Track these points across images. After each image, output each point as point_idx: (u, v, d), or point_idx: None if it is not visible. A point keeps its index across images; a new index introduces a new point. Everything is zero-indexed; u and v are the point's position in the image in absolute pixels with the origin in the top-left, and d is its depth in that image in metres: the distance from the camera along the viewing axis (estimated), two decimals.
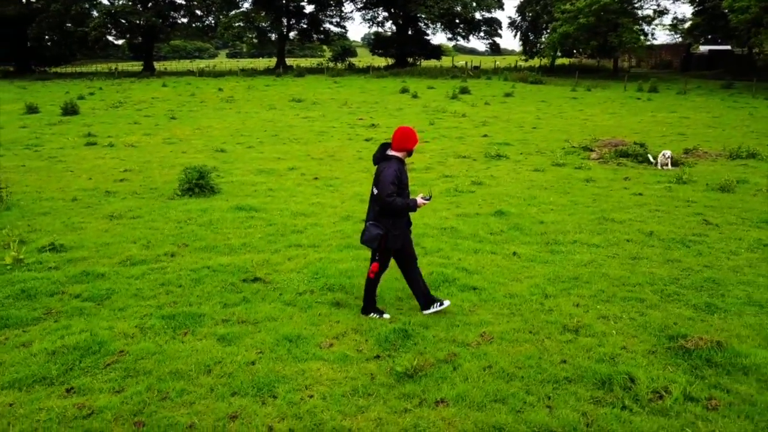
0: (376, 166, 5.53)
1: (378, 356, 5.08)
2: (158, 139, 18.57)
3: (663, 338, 5.32)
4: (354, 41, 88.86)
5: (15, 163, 14.31)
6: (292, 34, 64.71)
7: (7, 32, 60.85)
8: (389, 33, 63.72)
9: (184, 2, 61.93)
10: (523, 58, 61.56)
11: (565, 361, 4.97)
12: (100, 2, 58.94)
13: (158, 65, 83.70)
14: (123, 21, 56.23)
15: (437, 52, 62.95)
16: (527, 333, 5.49)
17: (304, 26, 63.11)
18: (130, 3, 58.53)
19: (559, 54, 52.66)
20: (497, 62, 59.07)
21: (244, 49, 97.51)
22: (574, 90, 36.41)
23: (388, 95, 34.37)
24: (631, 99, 31.61)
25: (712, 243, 8.05)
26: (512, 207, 10.00)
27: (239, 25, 58.08)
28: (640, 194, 10.98)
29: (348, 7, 62.51)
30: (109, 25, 58.80)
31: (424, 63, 61.29)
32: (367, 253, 7.39)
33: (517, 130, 20.34)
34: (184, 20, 63.01)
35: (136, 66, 69.78)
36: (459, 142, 17.89)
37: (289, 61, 70.55)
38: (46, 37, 60.24)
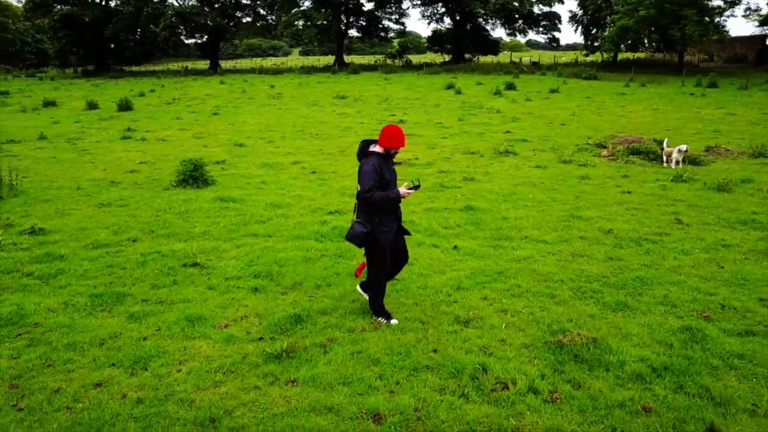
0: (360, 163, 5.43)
1: (262, 338, 5.35)
2: (189, 134, 19.50)
3: (547, 333, 5.31)
4: (414, 37, 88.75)
5: (47, 155, 15.50)
6: (352, 32, 65.63)
7: (86, 34, 65.10)
8: (446, 30, 63.35)
9: (248, 2, 63.99)
10: (584, 53, 59.73)
11: (436, 351, 5.07)
12: (170, 3, 61.83)
13: (232, 63, 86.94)
14: (191, 21, 58.71)
15: (495, 47, 62.06)
16: (417, 322, 5.61)
17: (363, 24, 63.75)
18: (197, 4, 61.12)
19: (622, 48, 50.72)
20: (557, 58, 57.57)
21: (316, 47, 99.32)
22: (627, 86, 35.12)
23: (432, 92, 34.36)
24: (683, 95, 30.19)
25: (670, 242, 7.81)
26: (486, 203, 9.99)
27: (298, 24, 59.40)
28: (629, 192, 10.69)
29: (406, 4, 62.10)
30: (180, 26, 61.48)
31: (482, 59, 60.59)
32: (311, 243, 7.72)
33: (544, 127, 19.97)
34: (248, 19, 65.05)
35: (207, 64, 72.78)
36: (478, 138, 17.80)
37: (353, 59, 71.60)
38: (121, 37, 63.59)
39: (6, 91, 41.74)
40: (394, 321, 5.53)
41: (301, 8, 59.53)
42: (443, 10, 62.69)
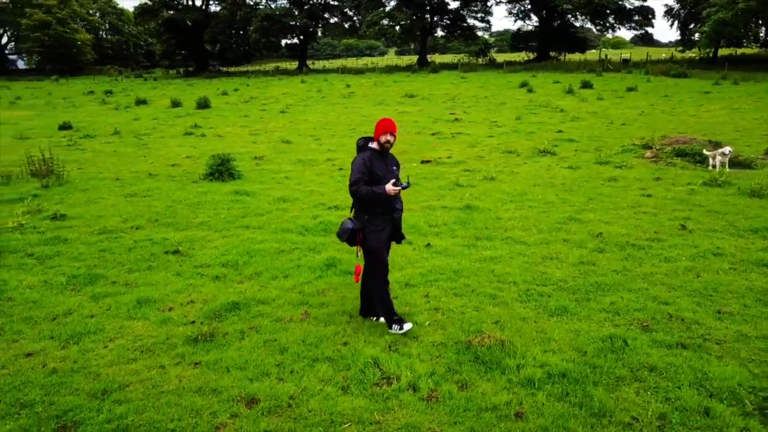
0: None
1: (194, 322, 5.67)
2: (246, 131, 20.43)
3: (462, 333, 5.25)
4: (500, 36, 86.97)
5: (111, 149, 16.83)
6: (437, 31, 65.48)
7: (188, 36, 69.33)
8: (531, 27, 61.82)
9: (336, 3, 65.53)
10: (679, 49, 56.12)
11: (346, 344, 5.18)
12: (261, 6, 64.51)
13: (325, 63, 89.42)
14: (280, 23, 61.01)
15: (582, 45, 59.70)
16: (346, 316, 5.72)
17: (447, 22, 63.46)
18: (287, 6, 63.42)
19: (722, 44, 47.27)
20: (650, 55, 54.47)
21: (400, 46, 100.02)
22: (717, 84, 32.76)
23: (503, 90, 33.76)
24: None
25: (657, 249, 7.39)
26: (490, 203, 9.85)
27: (382, 23, 60.08)
28: (649, 195, 10.14)
29: (491, 1, 60.98)
30: (271, 28, 64.02)
31: (569, 57, 58.53)
32: (292, 236, 8.00)
33: (601, 127, 19.15)
34: (335, 20, 66.61)
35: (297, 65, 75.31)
36: (524, 138, 17.39)
37: (438, 58, 71.49)
38: (219, 39, 67.18)
39: (110, 91, 45.43)
40: (407, 325, 5.27)
41: (385, 8, 60.15)
42: (529, 6, 61.16)
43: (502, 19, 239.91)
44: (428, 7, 60.99)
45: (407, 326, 5.26)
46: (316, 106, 29.26)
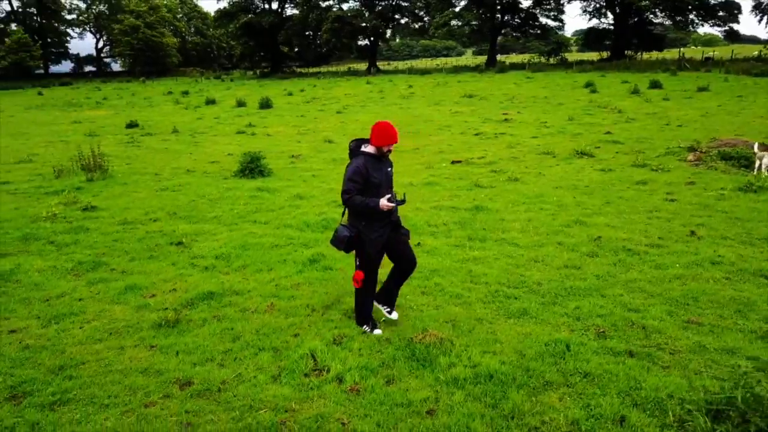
0: None
1: (166, 309, 6.00)
2: (296, 131, 21.01)
3: (410, 330, 5.30)
4: (572, 34, 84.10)
5: (163, 146, 17.80)
6: (507, 30, 64.40)
7: (264, 39, 71.71)
8: (606, 25, 59.58)
9: (407, 4, 65.80)
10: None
11: (297, 335, 5.35)
12: (333, 8, 65.73)
13: (395, 64, 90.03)
14: (350, 24, 62.01)
15: (659, 42, 56.92)
16: (307, 309, 5.89)
17: (518, 21, 62.32)
18: (358, 8, 64.32)
19: None
20: (735, 53, 51.19)
21: (479, 47, 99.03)
22: None
23: (566, 90, 32.86)
24: None
25: (654, 255, 7.11)
26: (501, 204, 9.75)
27: (451, 24, 59.79)
28: (673, 200, 9.70)
29: None
30: (342, 29, 65.17)
31: (645, 55, 56.01)
32: (291, 232, 8.28)
33: (655, 128, 18.34)
34: (405, 20, 66.88)
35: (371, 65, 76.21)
36: (568, 139, 16.95)
37: (507, 58, 70.36)
38: (293, 42, 69.10)
39: (187, 92, 47.76)
40: (377, 331, 5.24)
41: (455, 8, 59.83)
42: (604, 3, 58.98)
43: (575, 17, 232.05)
44: (499, 7, 60.13)
45: (377, 331, 5.26)
46: (373, 106, 29.59)
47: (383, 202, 4.74)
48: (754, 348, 4.81)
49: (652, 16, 56.00)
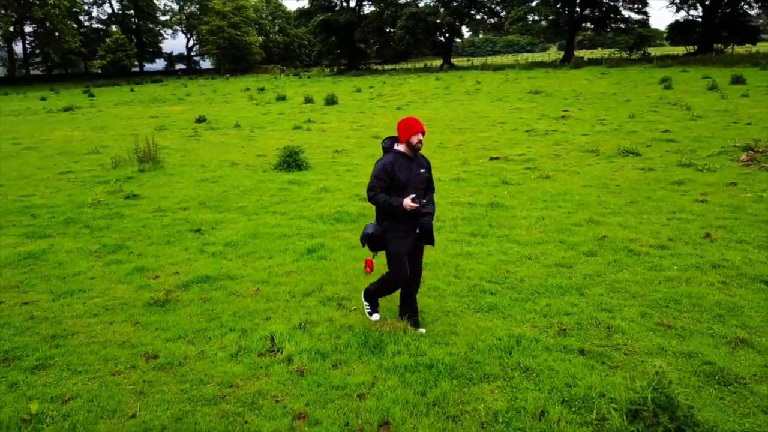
0: None
1: (162, 289, 6.46)
2: (349, 126, 21.42)
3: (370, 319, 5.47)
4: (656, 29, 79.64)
5: (220, 140, 18.70)
6: (587, 24, 62.26)
7: (341, 36, 73.05)
8: (693, 18, 56.25)
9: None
10: None
11: (269, 318, 5.65)
12: (409, 5, 65.93)
13: (471, 60, 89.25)
14: (424, 21, 62.05)
15: (753, 35, 53.14)
16: (288, 295, 6.18)
17: (597, 15, 60.04)
18: (433, 4, 64.23)
19: None
20: None
21: (542, 41, 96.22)
22: None
23: (639, 86, 31.51)
24: None
25: (656, 257, 6.88)
26: (519, 202, 9.68)
27: (527, 18, 58.52)
28: (704, 201, 9.27)
29: None
30: (416, 26, 65.33)
31: (737, 49, 52.52)
32: (303, 223, 8.62)
33: (719, 126, 17.35)
34: (480, 16, 66.10)
35: (447, 61, 75.98)
36: (620, 136, 16.36)
37: (586, 53, 67.99)
38: (370, 39, 69.96)
39: (263, 88, 49.57)
40: (375, 316, 5.28)
41: (531, 3, 58.49)
42: None
43: (661, 10, 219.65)
44: (577, 0, 58.20)
45: (375, 317, 5.31)
46: (435, 102, 29.60)
47: (407, 201, 4.61)
48: (715, 353, 4.64)
49: (746, 6, 52.46)
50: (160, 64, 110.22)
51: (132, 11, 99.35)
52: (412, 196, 4.63)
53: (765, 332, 4.98)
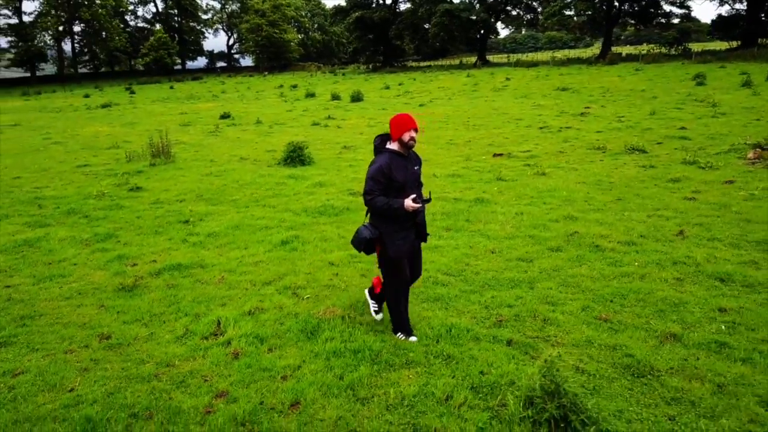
0: None
1: (134, 276, 6.81)
2: (365, 123, 21.65)
3: (320, 307, 5.67)
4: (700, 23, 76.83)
5: (236, 135, 19.17)
6: (626, 20, 60.81)
7: (376, 33, 73.35)
8: (737, 12, 54.32)
9: None
10: None
11: (224, 305, 5.91)
12: (444, 1, 65.61)
13: (507, 57, 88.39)
14: (458, 18, 61.75)
15: None
16: (249, 284, 6.43)
17: (637, 9, 58.56)
18: (468, 1, 63.80)
19: None
20: None
21: (623, 37, 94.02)
22: None
23: (672, 83, 30.76)
24: None
25: (620, 253, 6.88)
26: (505, 198, 9.72)
27: (563, 14, 57.57)
28: (692, 199, 9.15)
29: None
30: (450, 23, 65.04)
31: None
32: (287, 215, 8.89)
33: (739, 124, 16.88)
34: (517, 11, 65.32)
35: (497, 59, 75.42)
36: (634, 134, 16.12)
37: (624, 49, 66.49)
38: (404, 36, 70.03)
39: (295, 85, 50.33)
40: (413, 338, 4.90)
41: None
42: None
43: (704, 3, 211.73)
44: None
45: (413, 339, 4.91)
46: (458, 99, 29.55)
47: (408, 202, 4.41)
48: (639, 346, 4.68)
49: None
50: (201, 61, 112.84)
51: (175, 10, 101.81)
52: (413, 196, 4.45)
53: (699, 327, 4.97)
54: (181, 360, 4.82)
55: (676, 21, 58.78)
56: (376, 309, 5.29)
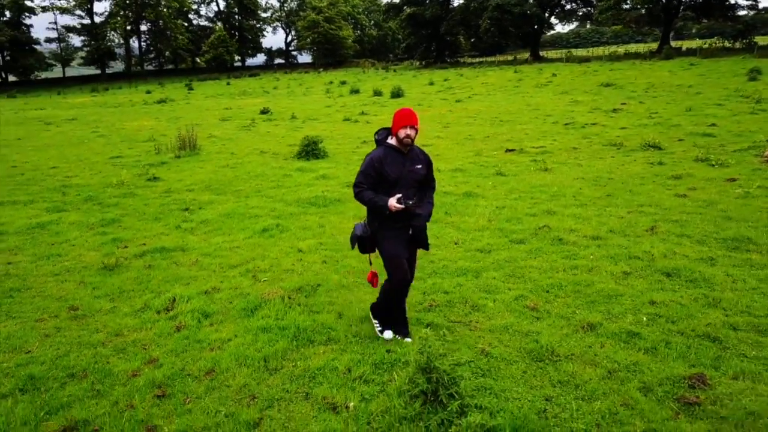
0: None
1: (120, 257, 7.39)
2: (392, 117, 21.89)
3: (268, 288, 6.06)
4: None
5: (267, 130, 19.85)
6: (686, 13, 58.46)
7: (428, 29, 73.35)
8: None
9: None
10: None
11: (188, 284, 6.39)
12: None
13: (566, 52, 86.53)
14: (510, 13, 60.95)
15: None
16: (220, 267, 6.90)
17: (699, 2, 56.14)
18: None
19: None
20: None
21: (693, 31, 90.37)
22: None
23: (724, 78, 29.58)
24: None
25: (581, 247, 6.95)
26: (494, 193, 9.86)
27: (618, 7, 55.89)
28: (683, 196, 9.04)
29: None
30: (502, 18, 64.29)
31: None
32: (278, 205, 9.34)
33: None
34: (571, 5, 63.90)
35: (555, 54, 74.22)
36: (658, 130, 15.76)
37: (687, 42, 63.92)
38: (454, 31, 69.77)
39: (345, 81, 51.12)
40: (387, 334, 4.83)
41: None
42: None
43: None
44: None
45: (387, 334, 4.85)
46: (497, 95, 29.40)
47: (391, 202, 4.24)
48: (550, 333, 4.84)
49: None
50: (260, 58, 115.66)
51: (236, 9, 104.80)
52: (398, 196, 4.25)
53: (621, 318, 5.07)
54: (129, 330, 5.30)
55: (742, 13, 56.07)
56: (381, 328, 4.88)
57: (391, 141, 4.45)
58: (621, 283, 5.84)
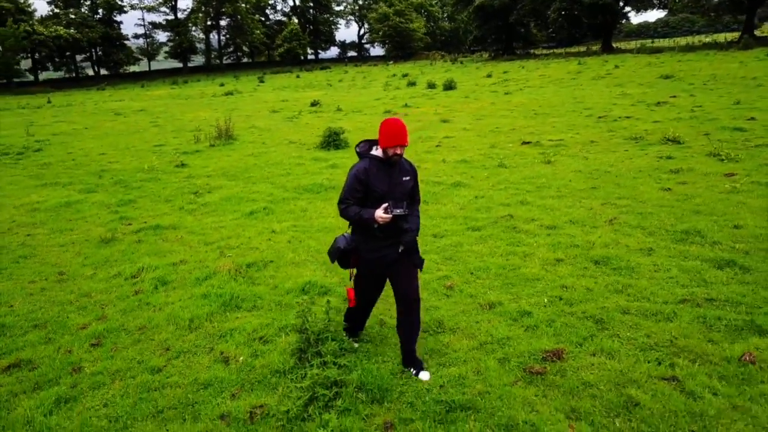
0: None
1: (121, 233, 8.33)
2: (433, 110, 22.25)
3: (224, 263, 6.77)
4: None
5: (307, 121, 20.70)
6: None
7: (497, 20, 72.42)
8: None
9: None
10: None
11: (165, 256, 7.21)
12: None
13: (667, 42, 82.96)
14: (580, 2, 59.14)
15: None
16: (203, 245, 7.68)
17: None
18: None
19: None
20: None
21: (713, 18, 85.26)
22: None
23: None
24: None
25: (533, 236, 7.23)
26: (483, 184, 10.16)
27: None
28: (668, 189, 9.04)
29: None
30: (571, 8, 62.54)
31: None
32: (276, 191, 10.08)
33: None
34: None
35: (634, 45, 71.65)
36: (692, 124, 15.37)
37: None
38: (524, 22, 68.57)
39: (406, 74, 51.44)
40: (354, 344, 4.68)
41: None
42: None
43: None
44: None
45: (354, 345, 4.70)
46: (548, 88, 29.02)
47: (379, 213, 3.89)
48: (453, 310, 5.25)
49: None
50: (334, 51, 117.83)
51: (310, 3, 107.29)
52: (385, 205, 3.89)
53: (522, 299, 5.40)
54: (96, 292, 6.14)
55: None
56: (415, 372, 4.30)
57: (376, 152, 4.04)
58: (547, 269, 6.11)
